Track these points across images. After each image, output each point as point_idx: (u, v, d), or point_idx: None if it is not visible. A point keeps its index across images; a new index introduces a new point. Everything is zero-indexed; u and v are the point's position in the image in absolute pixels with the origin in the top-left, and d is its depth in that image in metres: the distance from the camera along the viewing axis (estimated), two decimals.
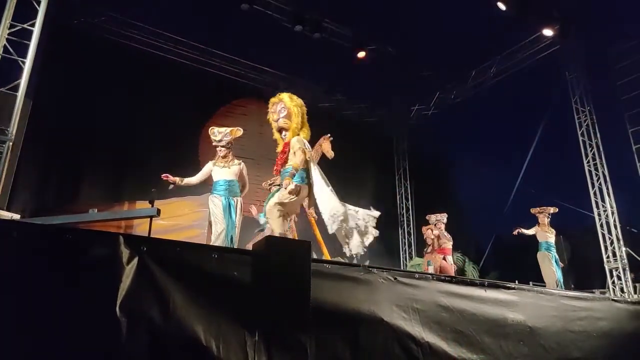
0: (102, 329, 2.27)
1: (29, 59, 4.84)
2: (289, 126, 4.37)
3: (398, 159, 13.95)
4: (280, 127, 4.39)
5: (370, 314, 3.17)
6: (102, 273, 2.37)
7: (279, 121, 4.35)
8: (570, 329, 4.32)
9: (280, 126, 4.39)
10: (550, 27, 10.07)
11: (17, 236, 2.30)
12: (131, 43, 9.86)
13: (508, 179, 12.17)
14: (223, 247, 3.35)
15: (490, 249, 12.75)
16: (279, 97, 4.50)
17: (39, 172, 8.54)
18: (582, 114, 9.97)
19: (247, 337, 2.64)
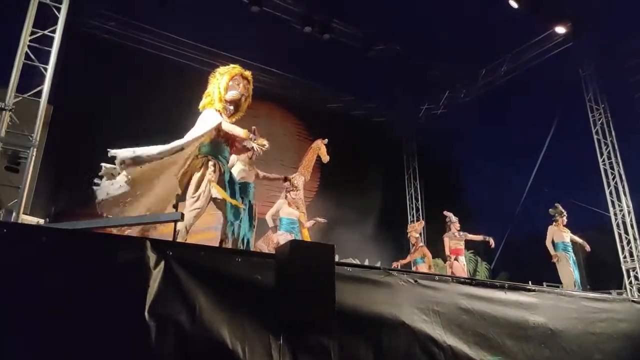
0: (132, 333, 2.28)
1: (51, 65, 4.90)
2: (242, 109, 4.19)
3: (407, 159, 13.92)
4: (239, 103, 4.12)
5: (392, 316, 3.16)
6: (130, 277, 2.38)
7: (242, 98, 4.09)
8: (591, 331, 4.27)
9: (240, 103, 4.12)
10: (562, 25, 10.00)
11: (46, 241, 2.32)
12: (142, 47, 9.95)
13: (520, 178, 12.10)
14: (247, 250, 3.36)
15: (502, 248, 12.66)
16: (248, 75, 4.21)
17: (55, 176, 8.62)
18: (596, 111, 9.89)
19: (271, 340, 2.65)
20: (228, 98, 3.95)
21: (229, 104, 3.99)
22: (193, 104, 4.36)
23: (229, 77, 3.99)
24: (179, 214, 2.86)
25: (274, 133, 11.75)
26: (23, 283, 2.18)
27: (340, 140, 11.78)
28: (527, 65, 11.22)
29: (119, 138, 9.16)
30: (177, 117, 9.51)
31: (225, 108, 3.95)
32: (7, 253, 2.19)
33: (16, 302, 2.13)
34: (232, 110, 4.03)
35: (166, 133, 8.82)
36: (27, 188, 4.41)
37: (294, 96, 12.29)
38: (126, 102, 9.13)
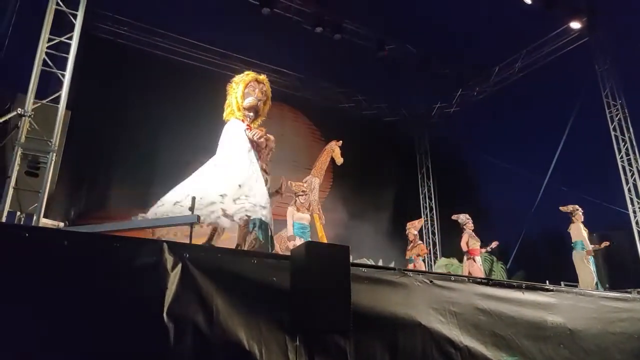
0: (151, 334, 2.32)
1: (68, 71, 5.00)
2: (263, 114, 4.24)
3: (420, 158, 13.85)
4: (257, 108, 4.15)
5: (408, 317, 3.16)
6: (149, 280, 2.42)
7: (259, 103, 4.14)
8: (611, 330, 4.22)
9: (258, 108, 4.16)
10: (577, 20, 9.87)
11: (68, 245, 2.36)
12: (156, 51, 10.07)
13: (536, 176, 11.95)
14: (262, 252, 3.39)
15: (517, 248, 12.53)
16: (263, 79, 4.26)
17: (74, 180, 8.78)
18: (613, 108, 9.72)
19: (288, 341, 2.67)
20: (246, 106, 4.04)
21: (248, 111, 4.07)
22: (209, 107, 4.42)
23: (243, 85, 4.09)
24: (195, 216, 2.89)
25: (286, 134, 11.78)
26: (46, 285, 2.23)
27: (352, 140, 11.77)
28: (541, 62, 11.08)
29: (135, 142, 9.42)
30: (194, 120, 9.69)
31: (246, 116, 4.05)
32: (30, 256, 2.24)
33: (39, 304, 2.18)
34: (253, 117, 4.14)
35: (183, 135, 9.04)
36: (46, 192, 4.49)
37: (306, 97, 12.31)
38: (142, 105, 9.25)
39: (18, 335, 2.08)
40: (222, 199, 3.47)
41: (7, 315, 2.08)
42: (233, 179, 3.60)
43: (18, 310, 2.11)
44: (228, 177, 3.62)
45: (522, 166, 12.02)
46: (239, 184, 3.57)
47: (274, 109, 12.91)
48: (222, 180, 3.60)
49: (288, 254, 2.98)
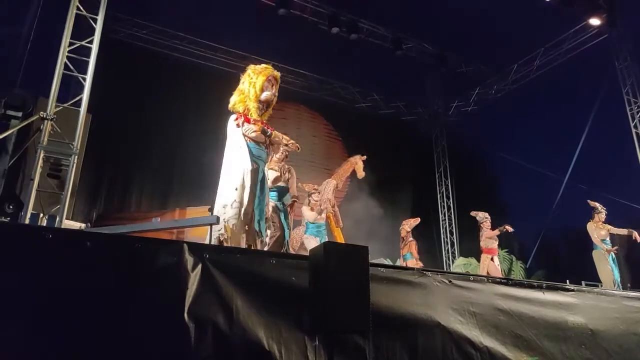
0: (172, 334, 2.35)
1: (89, 75, 5.09)
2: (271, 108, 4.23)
3: (438, 157, 13.73)
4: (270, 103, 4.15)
5: (427, 317, 3.14)
6: (170, 280, 2.45)
7: (274, 99, 4.15)
8: (633, 331, 4.14)
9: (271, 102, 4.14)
10: (597, 16, 9.70)
11: (90, 246, 2.41)
12: (174, 53, 10.20)
13: (555, 174, 11.76)
14: (281, 252, 3.41)
15: (537, 247, 12.36)
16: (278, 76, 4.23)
17: (95, 182, 8.94)
18: (634, 104, 9.53)
19: (307, 342, 2.68)
20: (263, 98, 4.02)
21: (262, 104, 4.05)
22: (221, 106, 4.44)
23: (264, 77, 4.04)
24: (215, 217, 2.92)
25: (303, 134, 11.82)
26: (69, 286, 2.28)
27: (369, 140, 11.77)
28: (560, 59, 10.91)
29: (155, 143, 9.54)
30: (214, 121, 9.74)
31: (259, 108, 4.02)
32: (54, 257, 2.29)
33: (63, 304, 2.23)
34: (264, 110, 4.11)
35: (203, 136, 9.13)
36: (69, 194, 4.59)
37: (323, 97, 12.33)
38: (162, 108, 9.38)
39: (42, 336, 2.13)
40: (224, 209, 3.53)
41: (32, 316, 2.13)
42: (230, 184, 3.65)
43: (42, 311, 2.16)
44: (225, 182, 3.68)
45: (541, 164, 11.86)
46: (235, 187, 3.61)
47: (292, 109, 13.09)
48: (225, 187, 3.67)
49: (303, 252, 3.00)
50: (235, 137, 3.83)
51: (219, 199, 3.57)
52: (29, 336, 2.10)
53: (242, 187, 3.62)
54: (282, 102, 11.40)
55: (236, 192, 3.60)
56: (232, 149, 3.83)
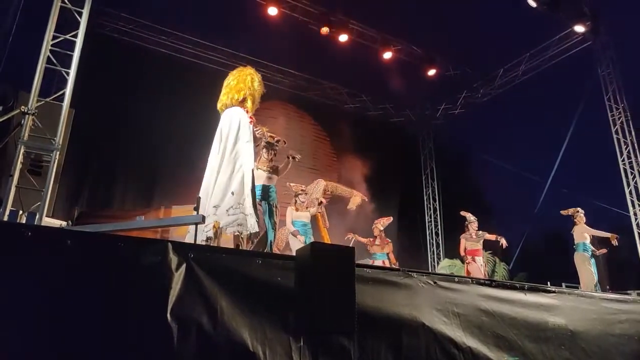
0: (154, 335, 2.32)
1: (73, 70, 4.99)
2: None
3: (425, 159, 13.84)
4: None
5: (412, 318, 3.16)
6: (153, 280, 2.42)
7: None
8: (611, 332, 4.22)
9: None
10: (581, 23, 9.86)
11: (71, 244, 2.36)
12: (161, 49, 10.09)
13: (539, 178, 11.96)
14: (267, 252, 3.39)
15: (520, 249, 12.55)
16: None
17: (77, 178, 8.79)
18: (615, 110, 9.71)
19: (292, 342, 2.67)
20: (258, 106, 4.18)
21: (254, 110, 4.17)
22: (209, 104, 4.41)
23: (263, 88, 4.25)
24: (200, 216, 2.89)
25: (291, 134, 11.80)
26: (49, 285, 2.23)
27: (357, 141, 11.81)
28: (545, 65, 11.08)
29: (140, 141, 9.42)
30: (200, 119, 9.67)
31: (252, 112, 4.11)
32: (33, 256, 2.24)
33: (41, 304, 2.18)
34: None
35: (189, 134, 9.05)
36: (50, 191, 4.50)
37: (311, 97, 12.32)
38: (147, 104, 9.25)
39: (19, 335, 2.08)
40: (215, 210, 3.47)
41: (9, 316, 2.08)
42: (228, 186, 3.56)
43: (20, 311, 2.11)
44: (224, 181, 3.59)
45: (525, 168, 12.04)
46: (232, 191, 3.54)
47: (280, 108, 13.05)
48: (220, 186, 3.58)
49: (288, 252, 2.99)
50: (247, 130, 3.80)
51: (207, 196, 3.50)
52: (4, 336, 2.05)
53: (240, 194, 3.54)
54: (271, 101, 11.40)
55: (233, 198, 3.52)
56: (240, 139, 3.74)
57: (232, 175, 3.58)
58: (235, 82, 4.07)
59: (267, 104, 11.33)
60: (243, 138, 3.74)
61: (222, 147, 3.72)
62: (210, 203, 3.45)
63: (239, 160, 3.64)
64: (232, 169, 3.61)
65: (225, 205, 3.47)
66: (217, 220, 3.39)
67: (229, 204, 3.47)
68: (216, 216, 3.41)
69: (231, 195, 3.49)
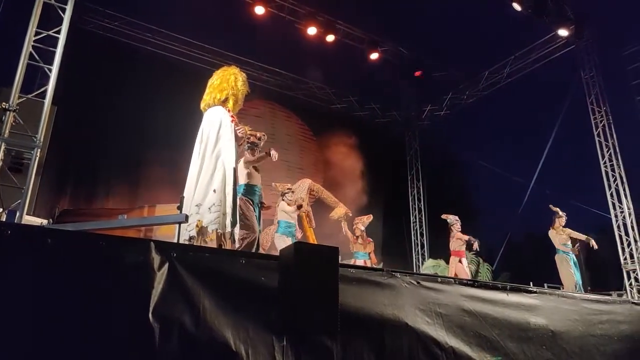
0: (136, 334, 2.30)
1: (55, 66, 4.92)
2: None
3: (410, 159, 13.91)
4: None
5: (395, 318, 3.17)
6: (134, 279, 2.40)
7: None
8: (592, 332, 4.28)
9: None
10: (565, 27, 10.02)
11: (51, 243, 2.33)
12: (147, 47, 9.99)
13: (522, 179, 12.12)
14: (251, 252, 3.39)
15: (503, 249, 12.69)
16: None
17: (59, 176, 8.66)
18: (598, 114, 9.88)
19: (275, 342, 2.66)
20: (242, 106, 4.18)
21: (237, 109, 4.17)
22: (195, 103, 4.38)
23: (247, 88, 4.22)
24: (184, 215, 2.87)
25: (277, 133, 11.79)
26: (28, 285, 2.19)
27: (343, 141, 11.83)
28: (530, 68, 11.24)
29: (124, 139, 9.31)
30: (185, 118, 9.58)
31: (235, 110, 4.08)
32: (12, 255, 2.21)
33: (21, 303, 2.14)
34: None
35: (173, 133, 8.97)
36: (30, 189, 4.43)
37: (298, 96, 12.31)
38: (131, 102, 9.15)
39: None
40: (197, 209, 3.47)
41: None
42: (209, 185, 3.58)
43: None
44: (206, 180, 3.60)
45: (509, 169, 12.19)
46: (214, 189, 3.55)
47: (266, 107, 13.00)
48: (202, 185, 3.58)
49: (274, 252, 2.99)
50: (228, 129, 3.78)
51: (190, 195, 3.50)
52: None
53: (221, 191, 3.55)
54: (257, 99, 11.36)
55: (215, 195, 3.53)
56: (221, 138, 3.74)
57: (213, 174, 3.58)
58: (218, 82, 4.06)
59: (253, 103, 11.30)
60: (224, 137, 3.74)
61: (204, 147, 3.73)
62: (193, 202, 3.44)
63: (220, 158, 3.64)
64: (213, 168, 3.61)
65: (207, 203, 3.47)
66: (199, 219, 3.38)
67: (210, 202, 3.48)
68: (199, 215, 3.40)
69: (213, 193, 3.50)
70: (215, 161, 3.63)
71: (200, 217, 3.41)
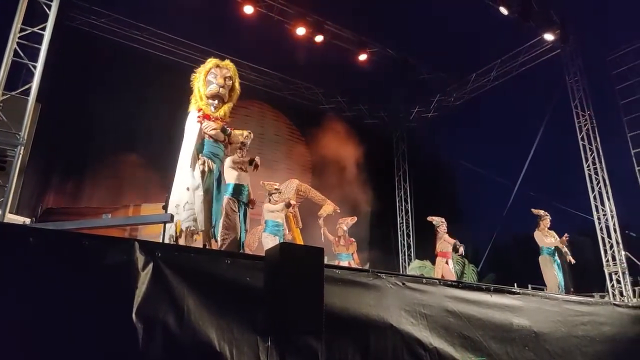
0: (119, 335, 2.28)
1: (40, 63, 4.85)
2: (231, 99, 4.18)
3: (398, 160, 13.98)
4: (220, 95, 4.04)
5: (380, 319, 3.20)
6: (118, 279, 2.38)
7: (221, 89, 4.02)
8: (574, 334, 4.36)
9: (220, 94, 4.03)
10: (551, 32, 10.15)
11: (33, 242, 2.31)
12: (134, 44, 9.89)
13: (508, 181, 12.25)
14: (236, 252, 3.38)
15: (489, 250, 12.81)
16: (225, 64, 4.18)
17: (42, 174, 8.53)
18: (582, 117, 10.02)
19: (259, 342, 2.67)
20: (208, 94, 4.00)
21: (211, 99, 4.03)
22: (184, 103, 4.36)
23: (205, 73, 4.07)
24: (169, 215, 2.85)
25: (266, 133, 11.77)
26: (9, 284, 2.17)
27: (331, 141, 11.83)
28: (516, 71, 11.37)
29: (109, 137, 9.20)
30: (171, 117, 9.49)
31: (209, 104, 3.99)
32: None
33: (3, 302, 2.12)
34: (217, 104, 4.06)
35: (159, 132, 8.89)
36: (13, 187, 4.36)
37: (287, 96, 12.30)
38: (118, 100, 9.04)
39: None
40: (176, 209, 3.48)
41: None
42: (183, 183, 3.60)
43: None
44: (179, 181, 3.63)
45: (495, 171, 12.32)
46: (187, 187, 3.58)
47: (255, 107, 12.91)
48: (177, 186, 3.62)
49: (261, 252, 2.99)
50: (192, 134, 3.78)
51: (172, 197, 3.52)
52: None
53: (193, 189, 3.58)
54: (246, 99, 11.30)
55: (188, 193, 3.56)
56: (188, 145, 3.78)
57: (186, 172, 3.61)
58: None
59: (241, 102, 11.22)
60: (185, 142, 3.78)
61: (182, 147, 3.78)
62: (173, 202, 3.45)
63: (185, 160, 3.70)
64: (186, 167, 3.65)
65: (182, 201, 3.49)
66: (178, 218, 3.38)
67: (184, 200, 3.49)
68: (178, 215, 3.40)
69: (186, 191, 3.51)
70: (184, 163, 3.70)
71: (179, 216, 3.42)
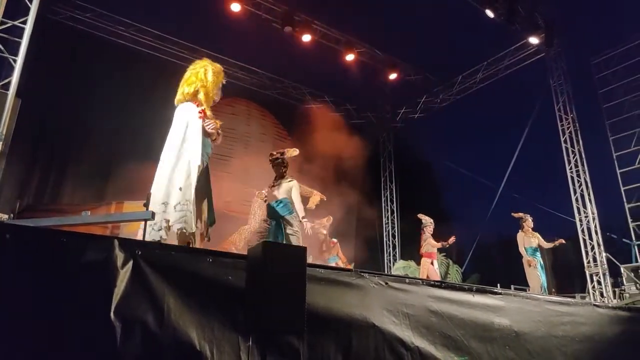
0: (96, 334, 2.24)
1: (21, 57, 4.76)
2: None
3: (384, 161, 14.04)
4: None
5: (362, 318, 3.19)
6: (96, 277, 2.34)
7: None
8: (554, 333, 4.41)
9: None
10: (535, 35, 10.30)
11: (10, 238, 2.25)
12: (119, 40, 9.77)
13: (492, 183, 12.38)
14: (218, 251, 3.34)
15: (472, 251, 12.93)
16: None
17: (22, 170, 8.37)
18: (565, 121, 10.18)
19: (240, 342, 2.64)
20: (216, 99, 4.05)
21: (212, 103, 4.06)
22: (168, 99, 4.30)
23: (221, 78, 4.08)
24: (150, 212, 2.81)
25: (252, 131, 11.72)
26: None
27: (317, 141, 11.82)
28: (501, 74, 11.53)
29: (91, 133, 9.07)
30: (155, 113, 9.40)
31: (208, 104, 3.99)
32: None
33: None
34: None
35: (142, 129, 8.78)
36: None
37: (273, 95, 12.27)
38: (100, 96, 8.92)
39: None
40: (164, 207, 3.41)
41: None
42: (175, 181, 3.52)
43: None
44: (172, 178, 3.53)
45: (480, 173, 12.45)
46: (180, 186, 3.49)
47: (241, 105, 12.88)
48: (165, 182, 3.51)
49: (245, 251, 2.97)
50: (195, 127, 3.71)
51: (156, 193, 3.42)
52: None
53: (187, 188, 3.50)
54: (232, 97, 11.26)
55: (180, 193, 3.47)
56: (188, 139, 3.67)
57: (179, 172, 3.53)
58: (188, 75, 4.01)
59: (228, 100, 11.19)
60: (190, 138, 3.68)
61: (171, 144, 3.66)
62: (159, 200, 3.37)
63: (185, 156, 3.59)
64: (179, 165, 3.56)
65: (173, 202, 3.42)
66: (166, 217, 3.33)
67: (176, 200, 3.43)
68: (165, 213, 3.35)
69: (179, 191, 3.44)
70: (180, 159, 3.58)
71: (167, 215, 3.36)
